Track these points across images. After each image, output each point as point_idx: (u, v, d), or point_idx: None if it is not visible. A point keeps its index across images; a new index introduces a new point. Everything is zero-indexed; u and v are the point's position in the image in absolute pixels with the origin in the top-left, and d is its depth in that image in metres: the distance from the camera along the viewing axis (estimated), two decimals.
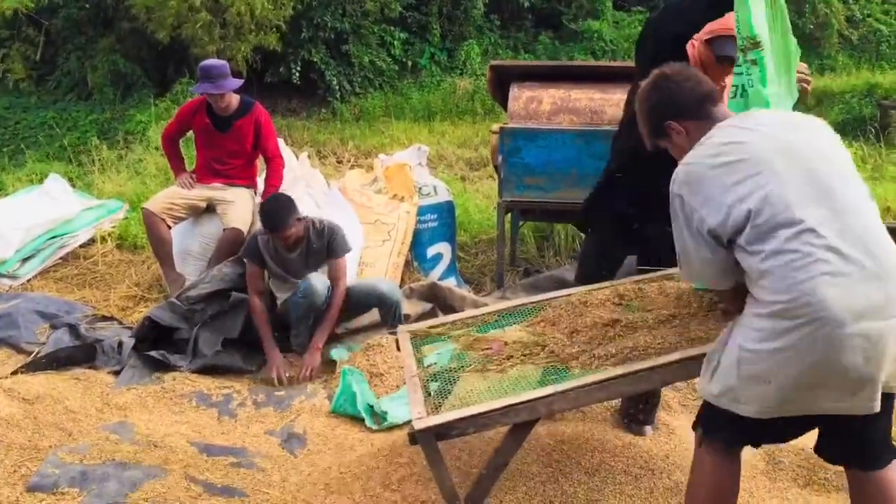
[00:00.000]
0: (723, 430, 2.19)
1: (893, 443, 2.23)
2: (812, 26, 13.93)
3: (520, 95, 5.15)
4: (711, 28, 2.88)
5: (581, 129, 4.94)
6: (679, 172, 2.17)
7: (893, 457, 2.17)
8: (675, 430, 3.29)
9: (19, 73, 12.06)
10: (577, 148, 4.88)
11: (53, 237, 5.51)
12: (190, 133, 5.20)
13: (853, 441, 2.16)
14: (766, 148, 2.08)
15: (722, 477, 2.21)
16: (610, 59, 12.88)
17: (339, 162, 9.68)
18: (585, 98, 5.06)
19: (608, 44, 13.76)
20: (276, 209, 4.14)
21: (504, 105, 5.40)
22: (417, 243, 5.37)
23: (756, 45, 2.58)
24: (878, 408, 1.99)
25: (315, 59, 12.25)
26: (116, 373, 3.97)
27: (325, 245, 4.28)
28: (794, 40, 2.72)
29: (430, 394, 2.72)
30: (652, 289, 3.00)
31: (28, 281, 5.29)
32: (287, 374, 4.03)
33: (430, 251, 5.46)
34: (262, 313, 4.19)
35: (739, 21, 2.60)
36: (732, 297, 2.22)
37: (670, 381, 2.80)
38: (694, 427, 2.30)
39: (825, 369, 1.94)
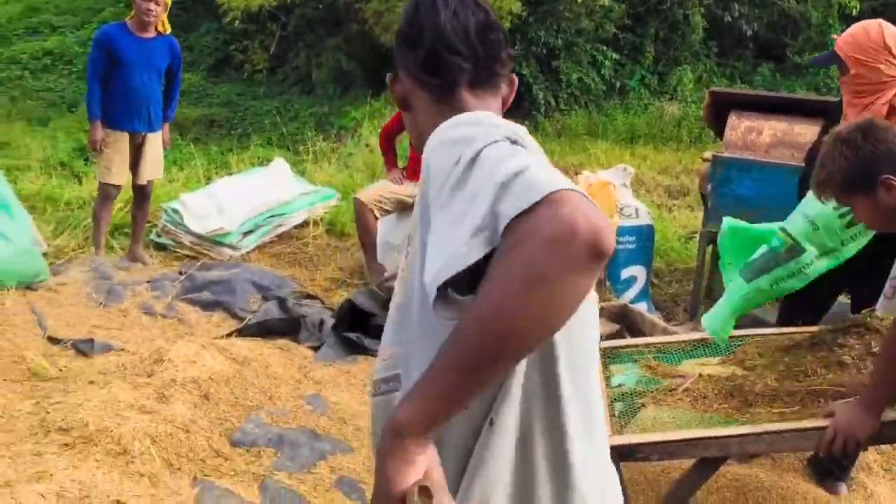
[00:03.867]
0: None
1: None
2: None
3: (738, 125, 4.96)
4: None
5: (802, 165, 4.67)
6: None
7: None
8: (873, 495, 3.06)
9: (260, 64, 13.14)
10: (796, 185, 4.62)
11: (272, 216, 5.93)
12: (405, 133, 5.45)
13: None
14: None
15: None
16: (837, 97, 12.08)
17: None
18: (810, 134, 4.77)
19: (834, 80, 12.94)
20: None
21: (718, 133, 5.22)
22: (613, 263, 5.31)
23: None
24: None
25: (525, 73, 12.42)
26: (315, 348, 4.22)
27: None
28: None
29: (614, 414, 2.70)
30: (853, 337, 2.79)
31: (247, 253, 5.73)
32: None
33: (625, 273, 5.39)
34: None
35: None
36: None
37: (880, 442, 2.61)
38: None
39: None
